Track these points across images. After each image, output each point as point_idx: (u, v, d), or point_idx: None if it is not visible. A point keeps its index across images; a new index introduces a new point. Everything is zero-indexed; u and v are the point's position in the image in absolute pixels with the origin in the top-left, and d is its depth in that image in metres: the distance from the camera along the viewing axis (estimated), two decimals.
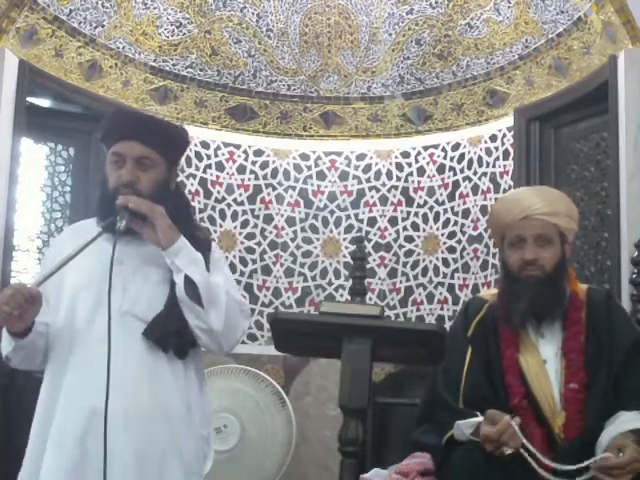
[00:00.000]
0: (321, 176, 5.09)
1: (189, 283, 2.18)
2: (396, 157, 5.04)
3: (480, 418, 2.26)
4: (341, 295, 4.95)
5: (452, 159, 4.90)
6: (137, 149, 2.26)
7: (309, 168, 5.09)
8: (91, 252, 2.17)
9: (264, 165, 5.05)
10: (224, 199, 4.96)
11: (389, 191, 5.03)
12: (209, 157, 4.96)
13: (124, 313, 2.19)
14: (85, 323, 2.20)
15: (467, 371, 2.41)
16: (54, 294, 2.27)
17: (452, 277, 4.83)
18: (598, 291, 2.61)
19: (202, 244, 2.31)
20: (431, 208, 4.95)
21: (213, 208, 4.91)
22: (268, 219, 5.02)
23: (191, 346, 2.24)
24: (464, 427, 2.28)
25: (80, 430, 2.11)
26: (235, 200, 4.98)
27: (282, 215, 5.03)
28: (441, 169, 4.93)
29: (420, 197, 4.98)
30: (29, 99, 4.15)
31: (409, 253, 4.97)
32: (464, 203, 4.83)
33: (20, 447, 2.23)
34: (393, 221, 5.01)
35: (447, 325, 4.41)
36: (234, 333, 2.26)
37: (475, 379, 2.40)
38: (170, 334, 2.19)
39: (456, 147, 4.89)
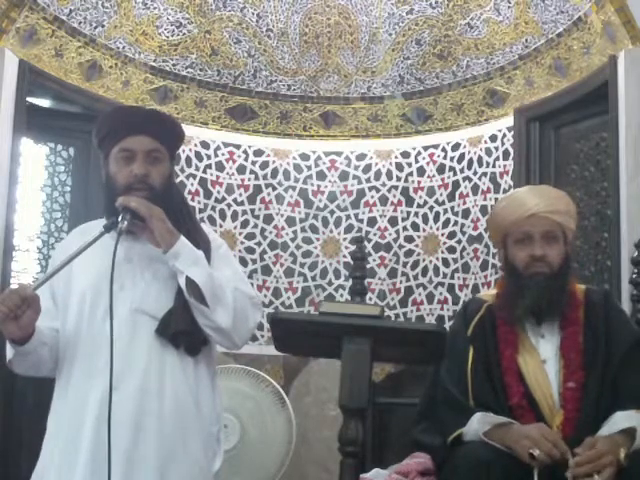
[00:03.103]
0: (321, 176, 5.09)
1: (192, 284, 2.18)
2: (396, 157, 5.04)
3: (504, 419, 2.26)
4: (341, 295, 4.95)
5: (452, 159, 4.90)
6: (147, 143, 2.26)
7: (309, 168, 5.09)
8: (98, 252, 2.17)
9: (264, 165, 5.05)
10: (224, 199, 4.96)
11: (389, 191, 5.03)
12: (209, 157, 4.96)
13: (134, 311, 2.19)
14: (96, 324, 2.20)
15: (471, 371, 2.41)
16: (62, 297, 2.27)
17: (452, 277, 4.83)
18: (596, 291, 2.62)
19: (203, 239, 2.31)
20: (431, 208, 4.95)
21: (213, 208, 4.92)
22: (268, 219, 5.02)
23: (203, 344, 2.24)
24: (482, 422, 2.26)
25: (91, 432, 2.11)
26: (235, 200, 4.98)
27: (282, 215, 5.03)
28: (441, 169, 4.93)
29: (420, 197, 4.98)
30: (29, 99, 4.15)
31: (409, 253, 4.97)
32: (464, 203, 4.83)
33: (20, 450, 2.23)
34: (393, 221, 5.01)
35: (447, 325, 4.41)
36: (245, 327, 2.25)
37: (479, 379, 2.40)
38: (182, 331, 2.19)
39: (456, 147, 4.89)
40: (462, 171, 4.85)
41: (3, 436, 3.86)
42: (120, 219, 2.16)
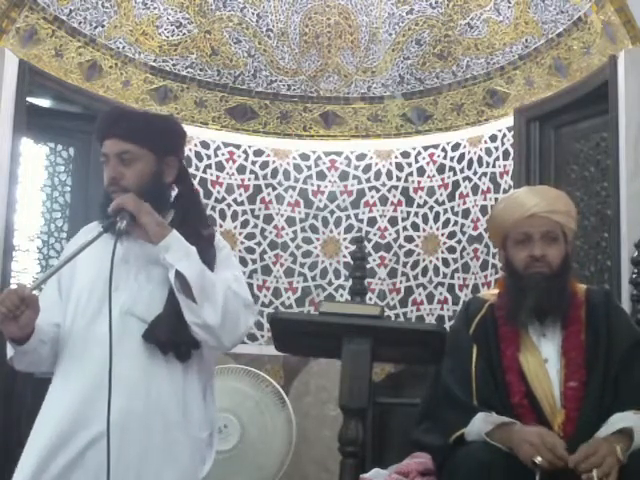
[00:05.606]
0: (321, 176, 5.09)
1: (181, 278, 2.16)
2: (396, 157, 5.04)
3: (507, 419, 2.26)
4: (341, 295, 4.95)
5: (452, 159, 4.90)
6: (116, 146, 2.25)
7: (309, 168, 5.09)
8: (98, 252, 2.17)
9: (264, 165, 5.05)
10: (224, 199, 4.96)
11: (389, 191, 5.03)
12: (209, 157, 4.96)
13: (125, 312, 2.18)
14: (88, 323, 2.19)
15: (475, 369, 2.41)
16: (65, 294, 2.27)
17: (452, 277, 4.83)
18: (597, 291, 2.62)
19: (205, 240, 2.29)
20: (431, 208, 4.95)
21: (213, 208, 4.92)
22: (268, 219, 5.02)
23: (194, 348, 2.21)
24: (485, 421, 2.26)
25: (77, 438, 2.10)
26: (235, 200, 4.98)
27: (282, 215, 5.03)
28: (441, 169, 4.93)
29: (420, 197, 4.98)
30: (29, 99, 4.15)
31: (409, 253, 4.97)
32: (464, 203, 4.83)
33: (19, 449, 2.22)
34: (393, 221, 5.01)
35: (447, 325, 4.41)
36: (235, 328, 2.21)
37: (483, 377, 2.40)
38: (170, 337, 2.17)
39: (456, 147, 4.89)
40: (462, 171, 4.85)
41: (2, 435, 3.87)
42: (119, 219, 2.16)
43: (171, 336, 2.17)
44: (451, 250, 4.86)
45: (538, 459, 2.13)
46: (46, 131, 4.57)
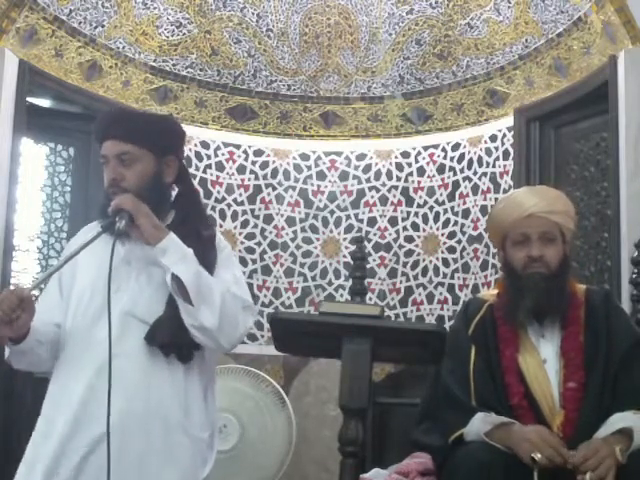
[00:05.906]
0: (321, 176, 5.09)
1: (178, 281, 2.15)
2: (396, 157, 5.04)
3: (506, 419, 2.26)
4: (341, 295, 4.95)
5: (452, 159, 4.90)
6: (115, 147, 2.25)
7: (309, 168, 5.09)
8: (99, 253, 2.17)
9: (264, 165, 5.05)
10: (224, 199, 4.96)
11: (389, 191, 5.03)
12: (209, 157, 4.96)
13: (125, 313, 2.18)
14: (89, 324, 2.19)
15: (474, 370, 2.41)
16: (66, 294, 2.27)
17: (452, 277, 4.83)
18: (597, 291, 2.62)
19: (206, 240, 2.29)
20: (431, 208, 4.95)
21: (213, 208, 4.92)
22: (268, 219, 5.02)
23: (195, 349, 2.21)
24: (484, 421, 2.26)
25: (77, 440, 2.10)
26: (235, 200, 4.98)
27: (282, 215, 5.03)
28: (441, 169, 4.93)
29: (420, 197, 4.98)
30: (29, 99, 4.15)
31: (409, 253, 4.97)
32: (464, 203, 4.83)
33: (20, 450, 2.22)
34: (393, 221, 5.01)
35: (447, 325, 4.41)
36: (234, 330, 2.21)
37: (481, 378, 2.40)
38: (172, 339, 2.16)
39: (456, 147, 4.89)
40: (462, 171, 4.85)
41: (2, 435, 3.87)
42: (118, 219, 2.15)
43: (173, 338, 2.17)
44: (451, 250, 4.86)
45: (537, 456, 2.14)
46: (46, 131, 4.57)
